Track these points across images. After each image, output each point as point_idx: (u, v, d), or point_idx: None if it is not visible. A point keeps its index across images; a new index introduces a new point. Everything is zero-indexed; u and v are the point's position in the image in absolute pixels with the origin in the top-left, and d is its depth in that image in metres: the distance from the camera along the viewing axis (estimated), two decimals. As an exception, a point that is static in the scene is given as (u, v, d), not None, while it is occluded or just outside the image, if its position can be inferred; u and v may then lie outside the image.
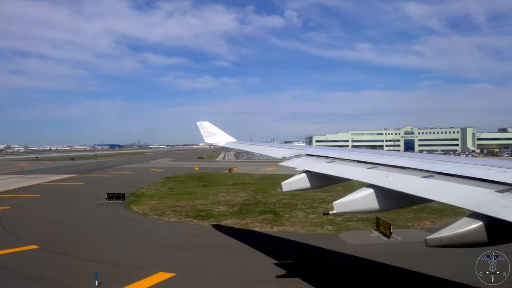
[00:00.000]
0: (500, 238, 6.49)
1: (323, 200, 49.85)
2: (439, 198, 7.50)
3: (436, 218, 37.73)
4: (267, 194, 56.91)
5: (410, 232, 33.66)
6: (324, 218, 38.66)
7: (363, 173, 10.89)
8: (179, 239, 32.72)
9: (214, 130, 25.39)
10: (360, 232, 33.77)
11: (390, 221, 35.55)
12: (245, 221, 38.70)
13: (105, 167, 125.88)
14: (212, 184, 72.32)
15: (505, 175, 7.32)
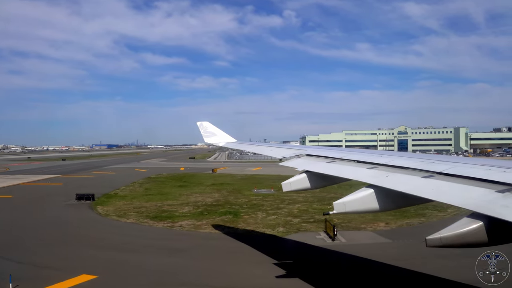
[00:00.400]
0: (500, 238, 6.49)
1: (294, 200, 49.89)
2: (439, 198, 7.49)
3: (393, 220, 37.16)
4: (240, 195, 56.69)
5: (358, 234, 33.35)
6: (281, 219, 38.72)
7: (363, 173, 10.89)
8: (122, 240, 32.31)
9: (214, 130, 25.36)
10: (308, 234, 33.35)
11: (347, 222, 36.26)
12: (200, 222, 38.28)
13: (92, 167, 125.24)
14: (190, 184, 71.82)
15: (505, 175, 7.33)
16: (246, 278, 22.82)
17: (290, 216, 40.44)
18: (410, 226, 35.48)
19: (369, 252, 27.03)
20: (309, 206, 45.75)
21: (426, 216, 38.65)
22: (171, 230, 35.66)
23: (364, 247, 28.97)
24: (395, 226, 35.56)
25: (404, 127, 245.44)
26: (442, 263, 23.37)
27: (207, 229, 35.48)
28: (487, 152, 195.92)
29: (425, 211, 40.35)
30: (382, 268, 24.00)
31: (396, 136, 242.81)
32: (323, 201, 48.13)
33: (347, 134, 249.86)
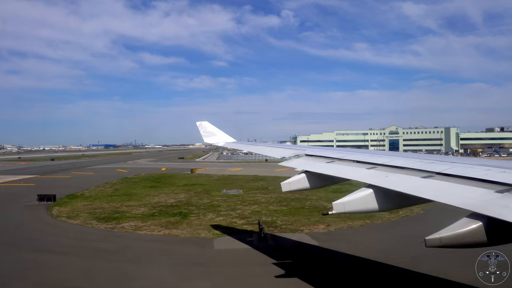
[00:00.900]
0: (500, 238, 6.50)
1: (255, 201, 49.86)
2: (438, 198, 7.50)
3: (335, 222, 36.50)
4: (206, 196, 56.16)
5: (290, 236, 32.58)
6: (227, 221, 38.34)
7: (362, 173, 10.93)
8: (52, 241, 31.81)
9: (213, 130, 25.39)
10: (240, 236, 32.48)
11: (289, 224, 36.31)
12: (144, 224, 37.83)
13: (75, 167, 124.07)
14: (163, 185, 71.40)
15: (504, 176, 7.37)
16: (147, 278, 22.69)
17: (238, 217, 39.90)
18: (350, 228, 34.73)
19: (287, 255, 26.76)
20: (265, 208, 45.53)
21: (372, 218, 37.95)
22: (110, 232, 35.09)
23: (291, 250, 28.65)
24: (334, 228, 34.83)
25: (395, 127, 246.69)
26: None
27: (145, 231, 34.95)
28: (477, 152, 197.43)
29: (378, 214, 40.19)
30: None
31: (387, 136, 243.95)
32: (283, 202, 48.58)
33: (338, 134, 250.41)
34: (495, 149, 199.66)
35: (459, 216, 6.80)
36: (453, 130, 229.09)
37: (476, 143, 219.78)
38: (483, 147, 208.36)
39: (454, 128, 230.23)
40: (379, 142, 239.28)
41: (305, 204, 47.28)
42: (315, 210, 42.72)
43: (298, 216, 39.69)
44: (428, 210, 38.72)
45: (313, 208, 44.23)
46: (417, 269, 22.70)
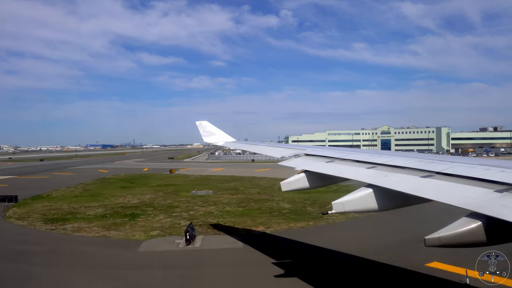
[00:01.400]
0: (499, 237, 6.51)
1: (217, 202, 49.76)
2: (438, 198, 7.51)
3: (278, 224, 36.71)
4: (174, 196, 56.10)
5: (220, 238, 32.24)
6: (173, 222, 38.08)
7: (362, 173, 10.93)
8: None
9: (213, 130, 25.31)
10: (171, 238, 32.19)
11: (234, 224, 36.40)
12: (89, 224, 37.55)
13: (59, 168, 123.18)
14: (136, 185, 71.23)
15: (504, 175, 7.40)
16: (45, 282, 22.60)
17: (186, 219, 39.26)
18: (289, 230, 34.34)
19: (209, 259, 26.55)
20: (221, 209, 45.28)
21: (316, 220, 38.00)
22: (49, 233, 34.63)
23: (211, 252, 28.25)
24: (271, 230, 34.50)
25: (387, 127, 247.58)
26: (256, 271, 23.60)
27: (84, 233, 34.59)
28: (467, 151, 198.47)
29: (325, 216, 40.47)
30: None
31: (379, 136, 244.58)
32: (243, 203, 48.67)
33: (330, 134, 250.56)
34: (486, 149, 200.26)
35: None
36: (444, 130, 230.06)
37: (467, 142, 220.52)
38: (474, 147, 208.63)
39: (445, 128, 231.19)
40: (371, 142, 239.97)
41: (263, 205, 47.34)
42: (268, 212, 42.82)
43: (246, 218, 39.56)
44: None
45: (269, 210, 44.18)
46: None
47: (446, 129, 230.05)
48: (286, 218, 39.50)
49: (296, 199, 50.42)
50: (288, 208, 44.69)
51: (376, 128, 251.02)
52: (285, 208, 44.81)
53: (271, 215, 40.83)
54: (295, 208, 44.82)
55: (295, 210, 43.31)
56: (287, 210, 43.44)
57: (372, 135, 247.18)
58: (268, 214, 41.21)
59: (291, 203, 48.02)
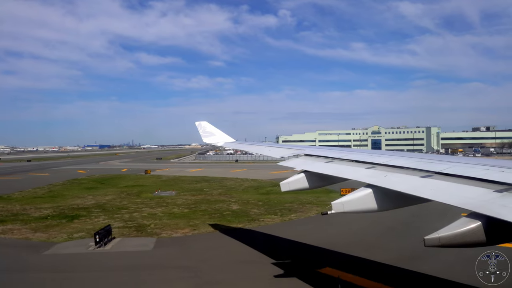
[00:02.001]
0: (499, 237, 6.48)
1: (170, 204, 49.71)
2: (437, 198, 7.51)
3: (206, 227, 36.52)
4: (134, 197, 56.04)
5: (136, 240, 31.80)
6: (105, 224, 36.79)
7: (361, 173, 10.92)
8: None
9: (212, 130, 25.27)
10: (88, 240, 31.37)
11: (164, 226, 36.26)
12: (23, 226, 37.20)
13: (41, 168, 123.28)
14: (105, 186, 71.37)
15: (503, 175, 7.39)
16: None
17: (124, 221, 39.47)
18: (213, 233, 34.29)
19: (108, 262, 26.29)
20: (169, 210, 44.89)
21: (252, 222, 38.11)
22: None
23: (116, 254, 28.07)
24: (198, 232, 34.46)
25: (377, 127, 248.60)
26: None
27: (7, 235, 34.21)
28: (456, 151, 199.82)
29: (262, 217, 40.72)
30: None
31: (370, 136, 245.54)
32: (193, 205, 48.10)
33: (320, 134, 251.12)
34: (475, 148, 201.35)
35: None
36: (434, 129, 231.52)
37: (456, 142, 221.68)
38: (464, 147, 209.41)
39: (435, 127, 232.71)
40: (362, 142, 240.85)
41: (213, 206, 47.10)
42: (210, 213, 42.61)
43: (183, 220, 39.27)
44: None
45: (214, 211, 43.89)
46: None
47: (436, 129, 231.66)
48: (223, 220, 39.32)
49: (252, 200, 50.85)
50: (234, 210, 44.57)
51: (366, 128, 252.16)
52: (231, 210, 44.68)
53: (211, 217, 40.64)
54: (241, 210, 44.80)
55: (239, 212, 43.10)
56: (231, 212, 43.15)
57: (362, 135, 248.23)
58: (208, 216, 41.03)
59: (243, 204, 48.17)
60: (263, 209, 44.91)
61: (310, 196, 51.50)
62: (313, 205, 46.44)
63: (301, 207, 45.47)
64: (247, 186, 68.02)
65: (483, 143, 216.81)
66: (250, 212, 43.06)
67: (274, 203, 48.43)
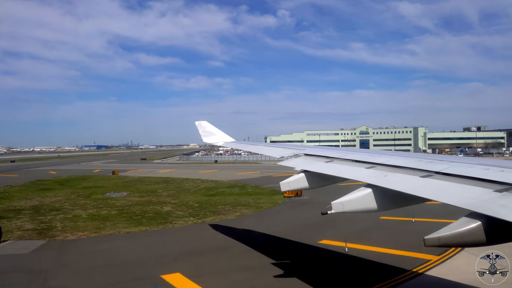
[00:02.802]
0: (499, 237, 6.49)
1: (109, 205, 49.29)
2: (437, 197, 7.55)
3: (110, 228, 36.30)
4: (79, 199, 55.19)
5: (27, 243, 30.80)
6: (19, 225, 36.87)
7: (361, 172, 10.95)
8: None
9: (212, 130, 25.26)
10: (18, 243, 30.96)
11: (72, 228, 35.76)
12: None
13: (17, 169, 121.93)
14: (63, 188, 70.33)
15: (503, 175, 7.41)
16: None
17: (40, 223, 38.45)
18: (116, 235, 33.99)
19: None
20: (97, 212, 44.36)
21: (165, 224, 37.94)
22: None
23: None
24: (102, 234, 34.04)
25: (365, 127, 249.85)
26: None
27: None
28: (444, 152, 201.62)
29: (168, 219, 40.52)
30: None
31: (358, 136, 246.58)
32: (126, 207, 47.32)
33: (308, 134, 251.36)
34: (461, 149, 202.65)
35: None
36: (421, 130, 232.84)
37: (444, 143, 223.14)
38: (451, 147, 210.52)
39: (422, 128, 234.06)
40: (350, 142, 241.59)
41: (147, 208, 46.39)
42: (130, 216, 41.66)
43: (97, 222, 38.63)
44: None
45: (138, 214, 43.02)
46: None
47: (423, 129, 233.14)
48: (138, 222, 38.66)
49: (191, 202, 50.38)
50: (160, 212, 43.98)
51: (355, 128, 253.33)
52: (157, 212, 44.18)
53: (128, 220, 39.93)
54: (167, 212, 44.21)
55: (162, 214, 42.56)
56: (153, 214, 42.57)
57: (351, 135, 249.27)
58: (126, 219, 40.15)
59: (176, 206, 47.76)
60: (191, 210, 44.38)
61: (252, 198, 52.18)
62: (244, 207, 46.11)
63: (231, 209, 44.82)
64: (202, 187, 67.52)
65: (470, 143, 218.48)
66: (173, 215, 42.27)
67: (210, 205, 47.99)
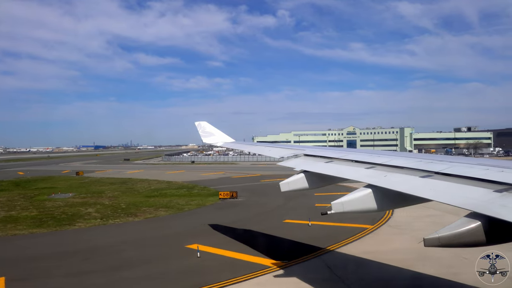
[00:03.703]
0: (498, 238, 6.55)
1: (39, 207, 48.75)
2: (437, 198, 7.58)
3: (23, 228, 36.68)
4: (23, 200, 54.84)
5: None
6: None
7: (361, 173, 10.98)
8: None
9: (212, 130, 25.28)
10: None
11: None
12: None
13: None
14: (16, 189, 70.02)
15: (503, 175, 7.45)
16: None
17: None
18: (31, 234, 34.48)
19: None
20: (18, 213, 44.35)
21: (66, 226, 37.96)
22: None
23: None
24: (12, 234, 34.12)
25: (352, 128, 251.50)
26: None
27: None
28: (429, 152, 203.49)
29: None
30: None
31: (345, 137, 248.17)
32: (57, 210, 46.47)
33: (295, 134, 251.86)
34: (447, 149, 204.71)
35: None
36: (408, 130, 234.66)
37: (430, 143, 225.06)
38: (437, 147, 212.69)
39: (408, 128, 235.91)
40: (337, 143, 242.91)
41: (66, 211, 45.71)
42: (39, 219, 41.12)
43: (13, 224, 38.52)
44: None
45: (53, 217, 42.11)
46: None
47: (409, 130, 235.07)
48: (39, 224, 38.53)
49: (121, 204, 50.28)
50: (75, 214, 43.67)
51: (342, 129, 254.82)
52: (75, 214, 43.98)
53: (38, 221, 39.68)
54: (85, 213, 44.04)
55: (74, 216, 42.35)
56: (66, 216, 42.19)
57: (338, 135, 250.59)
58: (35, 221, 39.91)
59: (101, 208, 47.68)
60: (109, 212, 44.18)
61: (187, 199, 52.69)
62: (166, 209, 46.28)
63: (151, 211, 44.82)
64: (153, 188, 67.48)
65: (457, 143, 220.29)
66: (87, 216, 42.02)
67: (136, 206, 48.08)
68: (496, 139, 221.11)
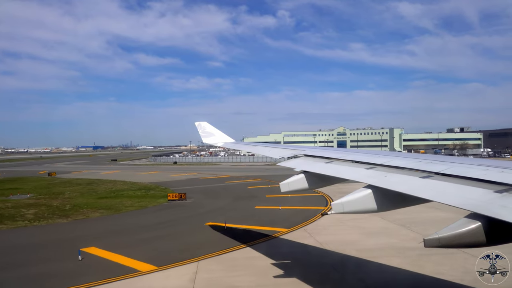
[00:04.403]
0: (499, 238, 6.50)
1: (15, 206, 49.42)
2: (437, 198, 7.51)
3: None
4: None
5: None
6: None
7: (361, 173, 10.94)
8: None
9: (212, 131, 25.20)
10: None
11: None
12: None
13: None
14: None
15: (503, 176, 7.39)
16: None
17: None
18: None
19: None
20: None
21: (8, 224, 38.18)
22: None
23: None
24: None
25: (343, 128, 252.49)
26: None
27: None
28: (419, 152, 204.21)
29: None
30: None
31: (335, 138, 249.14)
32: (9, 210, 46.63)
33: (286, 135, 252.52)
34: (435, 150, 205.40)
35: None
36: (397, 131, 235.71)
37: (419, 144, 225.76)
38: (427, 148, 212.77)
39: (398, 129, 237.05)
40: (327, 144, 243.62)
41: (4, 213, 45.24)
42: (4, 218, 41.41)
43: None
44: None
45: (13, 216, 42.36)
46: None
47: (399, 130, 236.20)
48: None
49: (67, 205, 50.19)
50: (10, 215, 43.30)
51: (332, 130, 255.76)
52: (11, 215, 43.69)
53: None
54: (23, 214, 44.07)
55: (8, 217, 42.03)
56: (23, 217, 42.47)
57: (328, 136, 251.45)
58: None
59: (46, 209, 47.42)
60: (46, 214, 44.22)
61: (137, 200, 52.77)
62: (105, 210, 46.36)
63: (89, 212, 45.22)
64: (113, 189, 67.71)
65: (447, 144, 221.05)
66: (22, 218, 41.85)
67: (78, 208, 48.21)
68: (488, 139, 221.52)
